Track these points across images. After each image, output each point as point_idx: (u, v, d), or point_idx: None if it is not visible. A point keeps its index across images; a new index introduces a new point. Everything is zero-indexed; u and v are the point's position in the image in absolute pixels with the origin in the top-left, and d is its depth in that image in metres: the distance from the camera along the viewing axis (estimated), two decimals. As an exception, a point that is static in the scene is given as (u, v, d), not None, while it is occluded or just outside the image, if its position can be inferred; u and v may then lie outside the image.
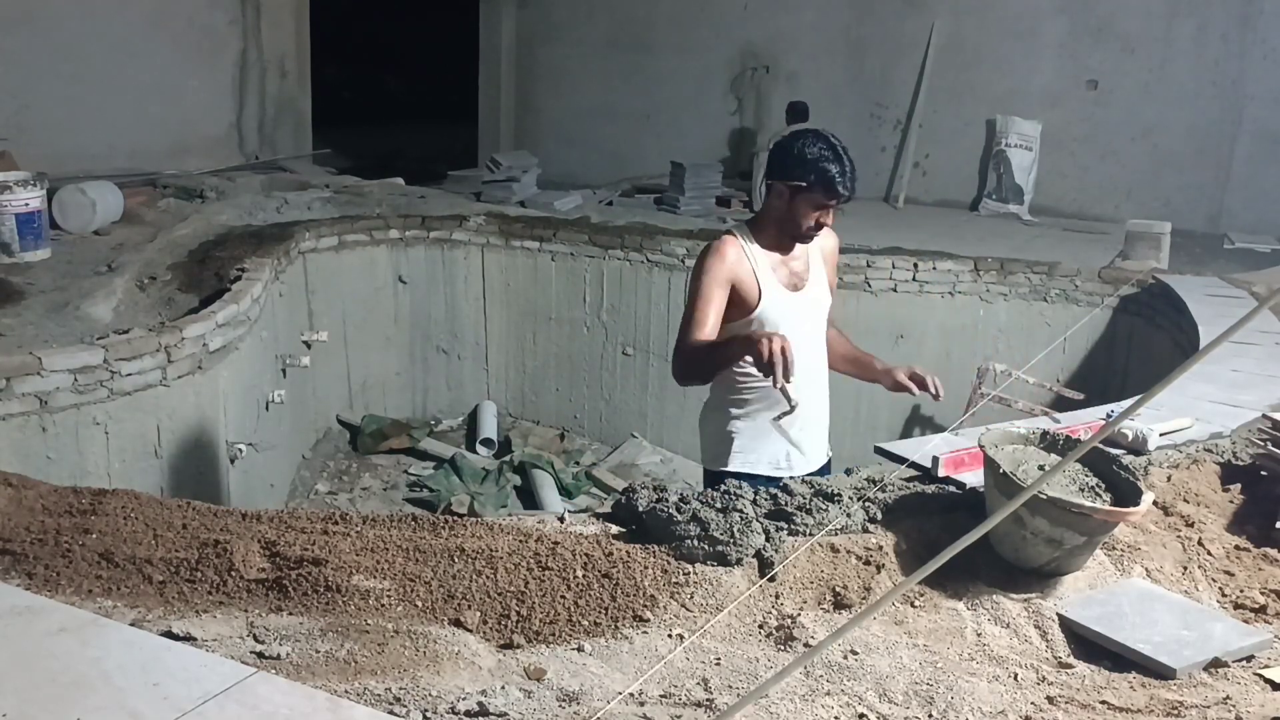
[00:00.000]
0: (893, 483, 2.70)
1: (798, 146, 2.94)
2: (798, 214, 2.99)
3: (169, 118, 8.47)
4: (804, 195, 2.95)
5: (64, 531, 2.29)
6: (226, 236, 6.36)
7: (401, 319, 7.32)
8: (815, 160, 2.91)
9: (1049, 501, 2.24)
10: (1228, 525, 2.72)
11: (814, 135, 2.98)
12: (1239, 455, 3.06)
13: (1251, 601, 2.38)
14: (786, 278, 3.09)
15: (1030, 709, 1.95)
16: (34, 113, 7.59)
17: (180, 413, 4.49)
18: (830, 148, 2.92)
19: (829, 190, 2.92)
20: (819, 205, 2.96)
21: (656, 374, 7.27)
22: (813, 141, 2.94)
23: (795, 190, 2.95)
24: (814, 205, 2.96)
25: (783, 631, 2.16)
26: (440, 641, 1.99)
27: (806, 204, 2.96)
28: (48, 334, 4.48)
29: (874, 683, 1.98)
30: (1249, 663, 2.15)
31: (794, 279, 3.11)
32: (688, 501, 2.45)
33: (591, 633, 2.10)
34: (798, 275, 3.12)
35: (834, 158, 2.91)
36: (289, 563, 2.19)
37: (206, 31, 8.90)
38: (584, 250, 7.27)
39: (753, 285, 3.03)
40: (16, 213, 5.49)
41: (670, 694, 1.93)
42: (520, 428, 7.49)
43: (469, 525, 2.40)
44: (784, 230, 3.04)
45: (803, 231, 3.02)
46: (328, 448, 6.90)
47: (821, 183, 2.92)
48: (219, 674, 1.77)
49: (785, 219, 3.02)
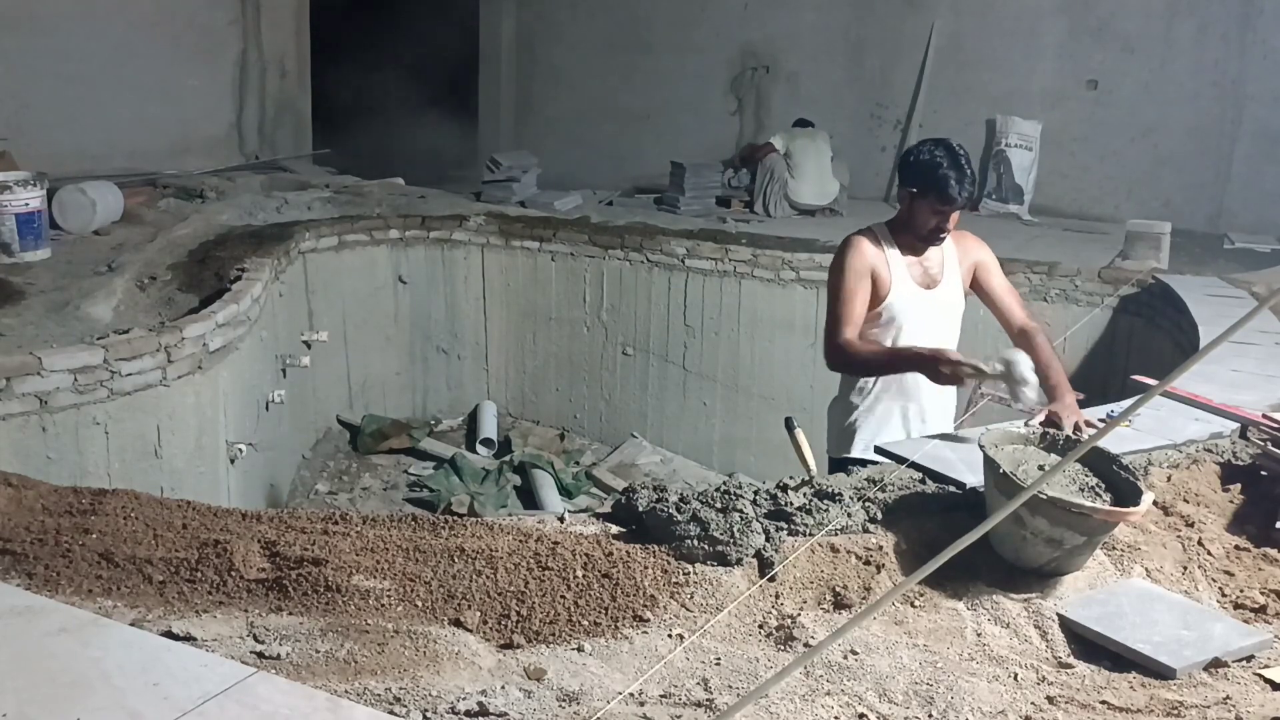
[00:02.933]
0: (893, 483, 2.70)
1: (921, 154, 3.16)
2: (917, 217, 3.19)
3: (169, 118, 8.46)
4: (923, 200, 3.15)
5: (64, 531, 2.29)
6: (226, 236, 6.35)
7: (401, 319, 7.32)
8: (934, 167, 3.10)
9: (1049, 501, 2.24)
10: (1228, 525, 2.72)
11: (934, 143, 3.19)
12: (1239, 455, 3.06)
13: (1251, 601, 2.38)
14: (919, 276, 3.28)
15: (1030, 709, 1.95)
16: (34, 113, 7.58)
17: (180, 413, 4.49)
18: (948, 154, 3.11)
19: (943, 195, 3.10)
20: (935, 210, 3.14)
21: (656, 374, 7.27)
22: (931, 149, 3.15)
23: (915, 195, 3.16)
24: (930, 210, 3.14)
25: (783, 631, 2.16)
26: (440, 641, 1.99)
27: (924, 208, 3.15)
28: (48, 334, 4.48)
29: (874, 683, 1.98)
30: (1249, 663, 2.15)
31: (926, 278, 3.29)
32: (688, 501, 2.45)
33: (591, 633, 2.10)
34: (931, 275, 3.30)
35: (950, 164, 3.09)
36: (289, 563, 2.19)
37: (206, 31, 8.89)
38: (584, 250, 7.27)
39: (885, 277, 3.23)
40: (16, 213, 5.48)
41: (670, 694, 1.93)
42: (520, 428, 7.49)
43: (469, 525, 2.40)
44: (912, 233, 3.23)
45: (924, 234, 3.21)
46: (328, 448, 6.90)
47: (937, 188, 3.10)
48: (219, 674, 1.77)
49: (911, 222, 3.22)
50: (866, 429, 3.33)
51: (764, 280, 6.86)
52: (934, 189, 3.12)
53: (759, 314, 6.90)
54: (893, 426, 3.32)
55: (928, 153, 3.15)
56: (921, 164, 3.14)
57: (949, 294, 3.33)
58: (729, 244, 7.01)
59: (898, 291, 3.24)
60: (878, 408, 3.32)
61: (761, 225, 7.82)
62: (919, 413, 3.34)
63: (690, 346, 7.12)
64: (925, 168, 3.13)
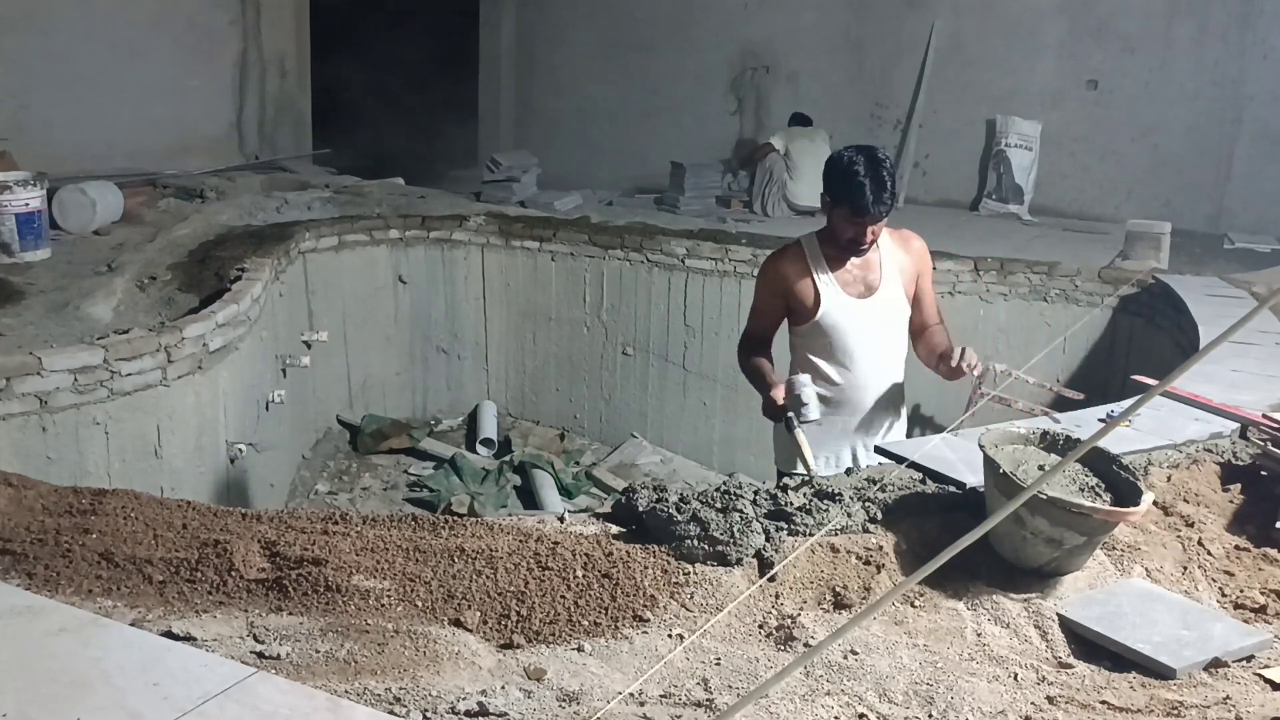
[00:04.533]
0: (893, 483, 2.70)
1: (841, 163, 3.05)
2: (835, 227, 3.12)
3: (169, 118, 8.46)
4: (835, 209, 3.08)
5: (64, 531, 2.29)
6: (226, 236, 6.35)
7: (401, 319, 7.32)
8: (848, 176, 3.00)
9: (1049, 501, 2.24)
10: (1228, 525, 2.72)
11: (857, 149, 3.07)
12: (1239, 455, 3.06)
13: (1251, 601, 2.38)
14: (851, 283, 3.21)
15: (1030, 709, 1.95)
16: (34, 113, 7.58)
17: (180, 413, 4.49)
18: (868, 163, 2.99)
19: (856, 207, 3.01)
20: (850, 220, 3.05)
21: (656, 374, 7.27)
22: (852, 156, 3.03)
23: (828, 203, 3.11)
24: (845, 219, 3.06)
25: (783, 631, 2.16)
26: (440, 641, 1.99)
27: (839, 217, 3.08)
28: (48, 334, 4.48)
29: (874, 683, 1.98)
30: (1249, 663, 2.15)
31: (860, 286, 3.22)
32: (688, 501, 2.45)
33: (591, 633, 2.10)
34: (866, 283, 3.22)
35: (868, 173, 2.97)
36: (289, 563, 2.19)
37: (206, 31, 8.89)
38: (584, 250, 7.27)
39: (809, 293, 3.18)
40: (16, 213, 5.48)
41: (670, 694, 1.93)
42: (520, 428, 7.49)
43: (469, 525, 2.40)
44: (834, 243, 3.17)
45: (841, 243, 3.13)
46: (328, 448, 6.90)
47: (850, 199, 3.01)
48: (219, 674, 1.77)
49: (833, 231, 3.15)
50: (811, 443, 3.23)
51: (764, 280, 6.86)
52: (848, 199, 3.01)
53: (759, 314, 6.90)
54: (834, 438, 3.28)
55: (848, 160, 3.01)
56: (839, 172, 3.02)
57: (887, 301, 3.23)
58: (729, 244, 7.01)
59: (828, 303, 3.18)
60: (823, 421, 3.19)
61: (762, 225, 7.82)
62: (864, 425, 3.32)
63: (690, 346, 7.13)
64: (842, 176, 3.01)
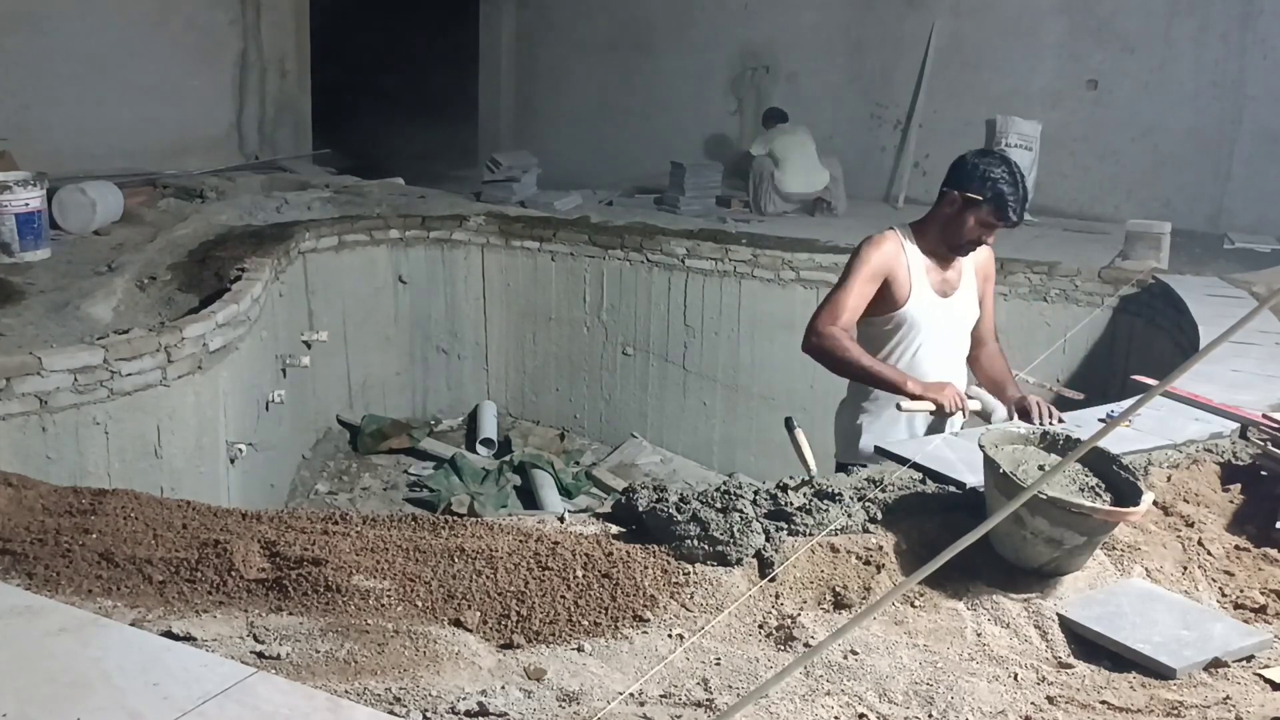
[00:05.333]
0: (893, 483, 2.70)
1: (983, 165, 3.09)
2: (963, 225, 3.11)
3: (169, 118, 8.46)
4: (974, 210, 3.08)
5: (64, 531, 2.29)
6: (226, 236, 6.36)
7: (401, 319, 7.32)
8: (996, 180, 3.05)
9: (1049, 501, 2.24)
10: (1228, 525, 2.72)
11: (999, 158, 3.14)
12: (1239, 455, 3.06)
13: (1251, 601, 2.38)
14: (938, 283, 3.21)
15: (1030, 709, 1.95)
16: (34, 113, 7.58)
17: (180, 413, 4.49)
18: (1011, 174, 3.07)
19: (999, 212, 3.06)
20: (985, 223, 3.09)
21: (656, 374, 7.27)
22: (997, 163, 3.09)
23: (969, 202, 3.08)
24: (980, 221, 3.09)
25: (783, 631, 2.16)
26: (440, 641, 1.99)
27: (974, 218, 3.09)
28: (48, 334, 4.48)
29: (874, 683, 1.98)
30: (1249, 663, 2.15)
31: (945, 285, 3.22)
32: (688, 501, 2.45)
33: (591, 633, 2.10)
34: (949, 283, 3.23)
35: (1011, 183, 3.05)
36: (289, 563, 2.19)
37: (206, 31, 8.89)
38: (584, 250, 7.27)
39: (904, 283, 3.16)
40: (16, 213, 5.49)
41: (670, 694, 1.93)
42: (520, 428, 7.49)
43: (469, 525, 2.40)
44: (945, 238, 3.16)
45: (962, 243, 3.14)
46: (328, 448, 6.90)
47: (995, 203, 3.05)
48: (219, 674, 1.77)
49: (949, 227, 3.14)
50: (871, 432, 3.28)
51: (764, 280, 6.86)
52: (994, 202, 3.06)
53: (759, 314, 6.90)
54: (897, 431, 3.27)
55: (996, 165, 3.09)
56: (988, 175, 3.07)
57: (964, 304, 3.27)
58: (729, 244, 7.01)
59: (916, 298, 3.17)
60: (884, 413, 3.26)
61: (761, 225, 7.82)
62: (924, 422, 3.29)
63: (690, 346, 7.13)
64: (991, 179, 3.07)
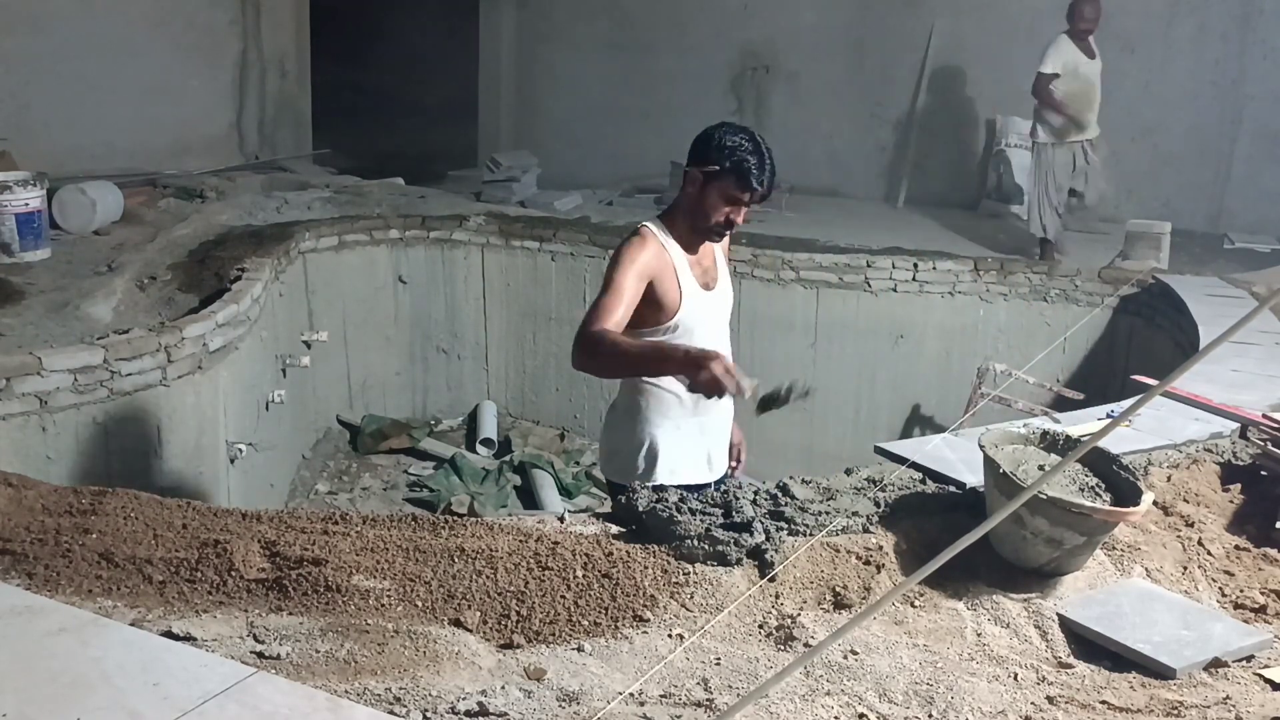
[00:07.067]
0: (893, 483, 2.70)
1: (719, 134, 2.79)
2: (708, 204, 2.81)
3: (169, 118, 8.46)
4: (716, 183, 2.78)
5: (64, 531, 2.29)
6: (226, 236, 6.35)
7: (401, 319, 7.32)
8: (734, 148, 2.75)
9: (1049, 501, 2.24)
10: (1228, 525, 2.72)
11: (739, 127, 2.83)
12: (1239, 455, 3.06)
13: (1251, 601, 2.38)
14: (701, 276, 2.93)
15: (1030, 709, 1.95)
16: (34, 113, 7.58)
17: (180, 413, 4.49)
18: (753, 141, 2.78)
19: (742, 181, 2.76)
20: (730, 197, 2.79)
21: (656, 374, 7.26)
22: (734, 132, 2.80)
23: (709, 176, 2.78)
24: (725, 196, 2.79)
25: (783, 631, 2.16)
26: (440, 641, 1.99)
27: (718, 193, 2.79)
28: (48, 334, 4.48)
29: (874, 683, 1.98)
30: (1249, 663, 2.15)
31: (706, 278, 2.95)
32: (688, 501, 2.45)
33: (591, 633, 2.10)
34: (710, 274, 2.96)
35: (754, 150, 2.76)
36: (289, 563, 2.19)
37: (206, 31, 8.89)
38: (584, 250, 7.26)
39: (673, 285, 2.85)
40: (16, 213, 5.48)
41: (670, 694, 1.93)
42: (520, 428, 7.48)
43: (469, 525, 2.40)
44: (694, 223, 2.86)
45: (711, 224, 2.84)
46: (328, 448, 6.90)
47: (736, 171, 2.75)
48: (219, 674, 1.77)
49: (696, 210, 2.84)
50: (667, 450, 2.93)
51: (764, 280, 6.86)
52: (734, 171, 2.75)
53: (759, 314, 6.89)
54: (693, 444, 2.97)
55: (735, 133, 2.78)
56: (724, 144, 2.76)
57: (725, 293, 3.02)
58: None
59: (690, 302, 2.86)
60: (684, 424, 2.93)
61: (762, 225, 7.82)
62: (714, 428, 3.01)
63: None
64: (728, 147, 2.75)
